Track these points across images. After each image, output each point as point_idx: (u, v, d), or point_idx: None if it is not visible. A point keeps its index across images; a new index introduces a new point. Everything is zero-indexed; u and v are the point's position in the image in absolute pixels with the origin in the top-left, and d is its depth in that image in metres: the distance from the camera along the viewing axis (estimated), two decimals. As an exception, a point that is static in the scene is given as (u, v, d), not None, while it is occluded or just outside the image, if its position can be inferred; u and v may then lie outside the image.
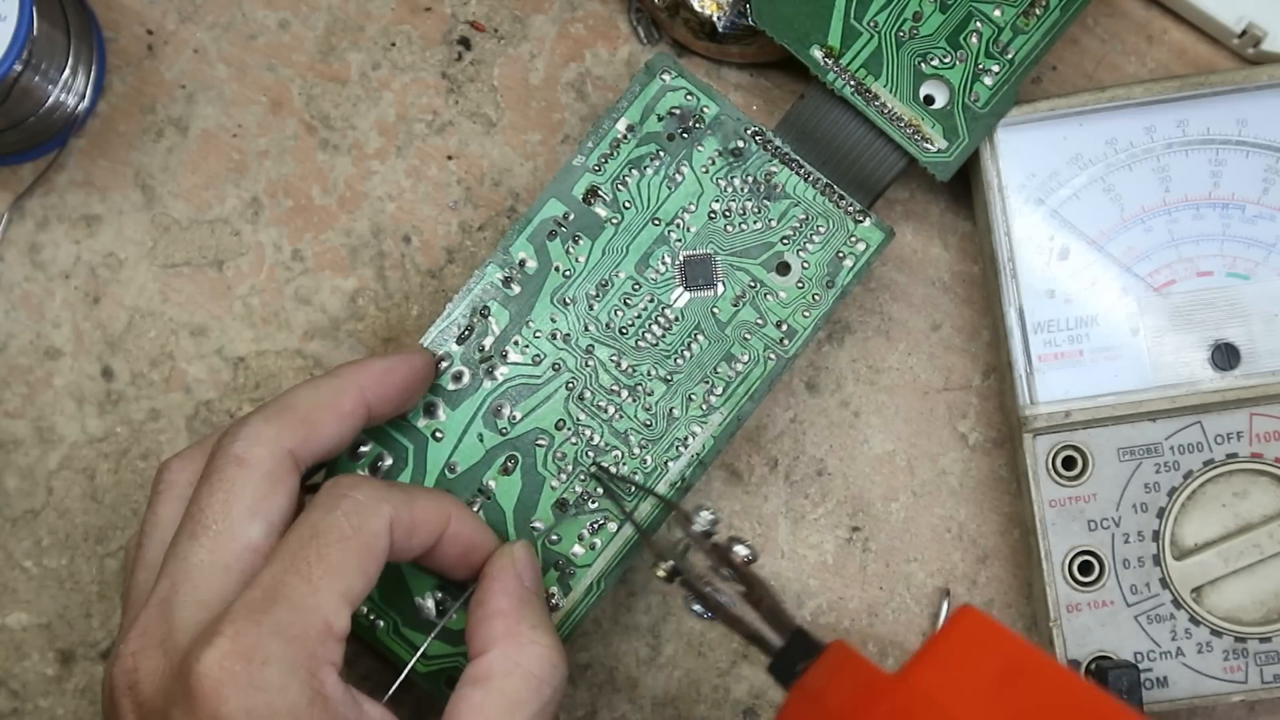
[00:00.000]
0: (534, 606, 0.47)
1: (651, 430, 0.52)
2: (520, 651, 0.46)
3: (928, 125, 0.53)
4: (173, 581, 0.44)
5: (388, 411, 0.50)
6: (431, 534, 0.47)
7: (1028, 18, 0.53)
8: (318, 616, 0.42)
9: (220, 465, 0.45)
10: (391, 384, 0.49)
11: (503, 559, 0.49)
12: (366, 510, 0.45)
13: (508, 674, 0.45)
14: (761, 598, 0.46)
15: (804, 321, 0.52)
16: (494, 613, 0.47)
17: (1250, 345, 0.53)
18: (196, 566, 0.44)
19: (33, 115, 0.55)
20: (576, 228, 0.52)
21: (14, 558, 0.56)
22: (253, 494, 0.45)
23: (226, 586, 0.44)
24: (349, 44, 0.57)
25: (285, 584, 0.42)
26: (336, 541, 0.43)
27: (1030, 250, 0.54)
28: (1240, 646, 0.53)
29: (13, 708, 0.56)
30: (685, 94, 0.53)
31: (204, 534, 0.44)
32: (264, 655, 0.41)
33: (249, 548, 0.44)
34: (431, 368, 0.51)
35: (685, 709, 0.56)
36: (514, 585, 0.48)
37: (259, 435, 0.46)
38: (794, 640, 0.45)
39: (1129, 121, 0.54)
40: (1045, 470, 0.53)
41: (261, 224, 0.57)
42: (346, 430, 0.48)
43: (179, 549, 0.44)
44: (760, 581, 0.46)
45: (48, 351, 0.56)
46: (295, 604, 0.42)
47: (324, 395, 0.47)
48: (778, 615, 0.45)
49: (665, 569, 0.47)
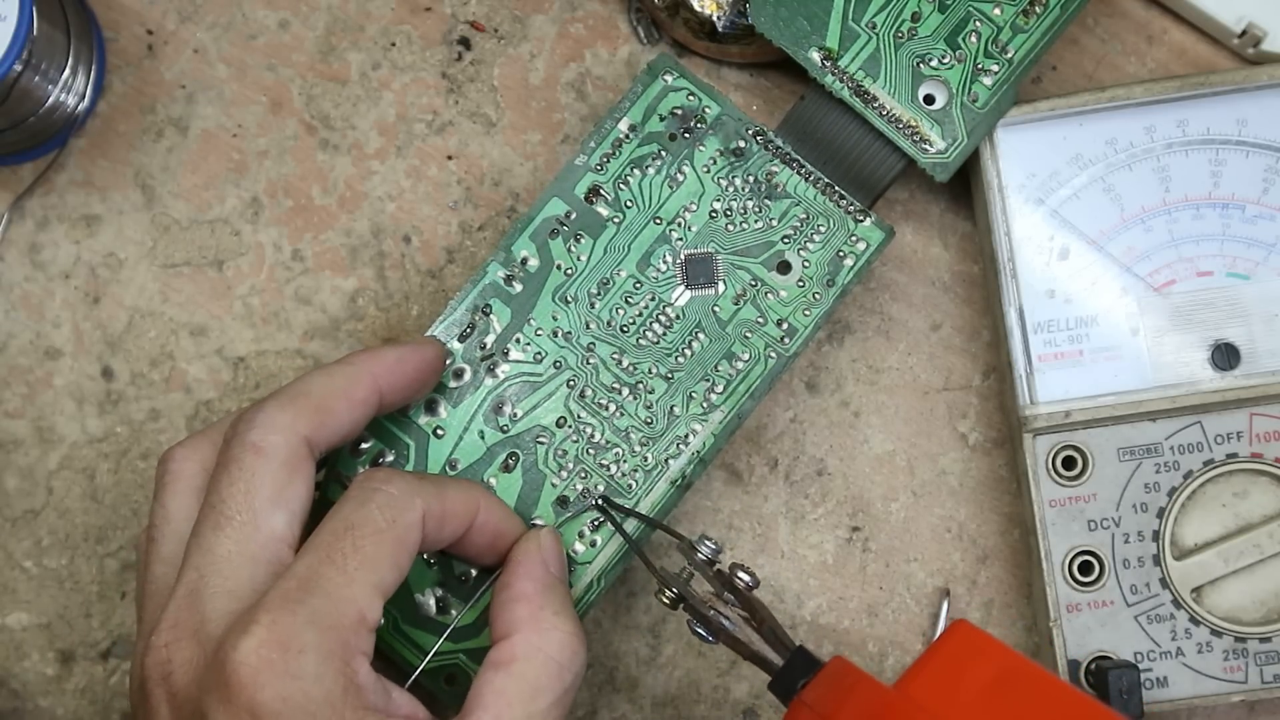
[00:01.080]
0: (558, 592, 0.48)
1: (652, 428, 0.52)
2: (543, 636, 0.46)
3: (927, 126, 0.53)
4: (200, 573, 0.44)
5: (399, 400, 0.50)
6: (462, 524, 0.47)
7: (1027, 17, 0.53)
8: (352, 607, 0.42)
9: (238, 454, 0.45)
10: (404, 373, 0.49)
11: (529, 544, 0.49)
12: (400, 504, 0.45)
13: (529, 658, 0.45)
14: (764, 620, 0.47)
15: (805, 320, 0.52)
16: (518, 596, 0.47)
17: (1250, 345, 0.53)
18: (224, 558, 0.44)
19: (33, 115, 0.55)
20: (578, 226, 0.52)
21: (14, 558, 0.56)
22: (273, 483, 0.45)
23: (256, 577, 0.44)
24: (349, 44, 0.57)
25: (321, 575, 0.43)
26: (371, 534, 0.44)
27: (1030, 250, 0.54)
28: (1240, 646, 0.53)
29: (13, 708, 0.55)
30: (687, 94, 0.53)
31: (228, 524, 0.44)
32: (300, 644, 0.41)
33: (274, 537, 0.44)
34: (442, 358, 0.51)
35: (685, 709, 0.56)
36: (539, 570, 0.48)
37: (275, 422, 0.46)
38: (795, 658, 0.46)
39: (1129, 121, 0.54)
40: (1045, 470, 0.53)
41: (261, 224, 0.57)
42: (360, 417, 0.48)
43: (203, 540, 0.44)
44: (762, 605, 0.47)
45: (48, 351, 0.56)
46: (330, 594, 0.42)
47: (338, 382, 0.47)
48: (778, 636, 0.47)
49: (669, 596, 0.48)
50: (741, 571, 0.47)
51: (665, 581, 0.48)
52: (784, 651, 0.46)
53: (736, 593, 0.47)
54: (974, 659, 0.43)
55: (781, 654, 0.46)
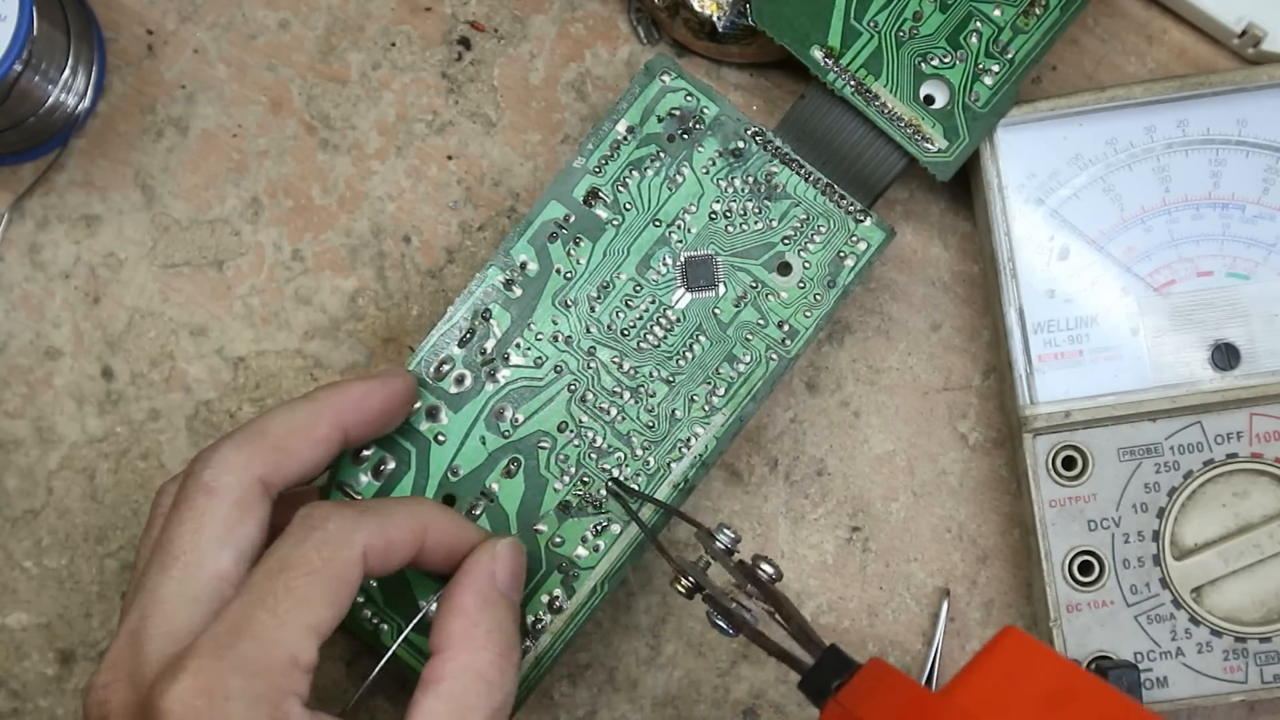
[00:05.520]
0: (498, 608, 0.47)
1: (654, 431, 0.52)
2: (473, 655, 0.45)
3: (928, 125, 0.53)
4: (141, 613, 0.44)
5: (366, 435, 0.49)
6: (409, 550, 0.47)
7: (1027, 17, 0.53)
8: (282, 651, 0.42)
9: (189, 494, 0.45)
10: (369, 408, 0.49)
11: (482, 555, 0.48)
12: (338, 541, 0.44)
13: (458, 677, 0.45)
14: (790, 615, 0.45)
15: (806, 321, 0.52)
16: (456, 609, 0.46)
17: (1250, 345, 0.53)
18: (165, 598, 0.44)
19: (33, 115, 0.55)
20: (577, 229, 0.52)
21: (14, 558, 0.56)
22: (222, 523, 0.45)
23: (195, 617, 0.43)
24: (349, 44, 0.57)
25: (251, 618, 0.42)
26: (305, 574, 0.43)
27: (1030, 250, 0.54)
28: (1240, 646, 0.53)
29: (13, 708, 0.56)
30: (685, 95, 0.53)
31: (173, 564, 0.44)
32: (226, 691, 0.41)
33: (218, 577, 0.44)
34: (413, 390, 0.51)
35: (685, 709, 0.56)
36: (483, 583, 0.47)
37: (228, 463, 0.45)
38: (827, 657, 0.44)
39: (1129, 121, 0.54)
40: (1045, 470, 0.53)
41: (261, 224, 0.56)
42: (321, 455, 0.48)
43: (148, 580, 0.44)
44: (787, 600, 0.45)
45: (48, 351, 0.56)
46: (260, 639, 0.42)
47: (298, 420, 0.47)
48: (807, 633, 0.45)
49: (686, 585, 0.46)
50: (765, 563, 0.46)
51: (682, 569, 0.46)
52: (813, 650, 0.44)
53: (760, 585, 0.46)
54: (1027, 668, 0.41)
55: (811, 651, 0.44)
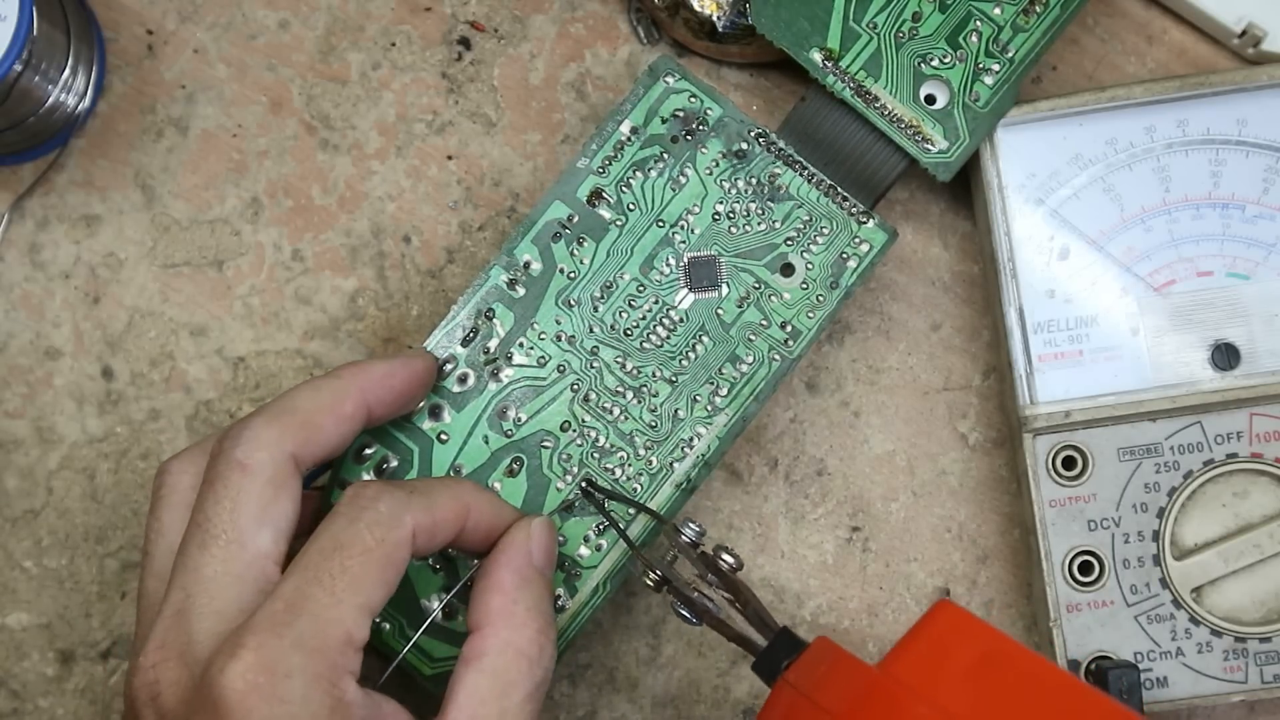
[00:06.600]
0: (535, 586, 0.47)
1: (657, 431, 0.52)
2: (514, 631, 0.46)
3: (928, 126, 0.53)
4: (186, 593, 0.44)
5: (387, 414, 0.50)
6: (452, 531, 0.47)
7: (1027, 16, 0.53)
8: (339, 628, 0.42)
9: (223, 471, 0.45)
10: (392, 387, 0.49)
11: (518, 533, 0.48)
12: (389, 522, 0.44)
13: (500, 653, 0.45)
14: (748, 601, 0.47)
15: (808, 322, 0.52)
16: (494, 586, 0.47)
17: (1250, 345, 0.53)
18: (210, 577, 0.44)
19: (33, 115, 0.54)
20: (581, 230, 0.52)
21: (14, 558, 0.56)
22: (259, 501, 0.45)
23: (242, 596, 0.44)
24: (349, 44, 0.57)
25: (308, 596, 0.42)
26: (360, 554, 0.43)
27: (1030, 250, 0.54)
28: (1240, 646, 0.53)
29: (13, 708, 0.55)
30: (689, 96, 0.53)
31: (213, 544, 0.44)
32: (287, 668, 0.41)
33: (260, 555, 0.44)
34: (433, 371, 0.51)
35: (685, 709, 0.56)
36: (520, 560, 0.47)
37: (261, 439, 0.45)
38: (779, 639, 0.46)
39: (1129, 121, 0.54)
40: (1045, 470, 0.53)
41: (261, 224, 0.56)
42: (347, 432, 0.48)
43: (189, 559, 0.44)
44: (745, 587, 0.47)
45: (48, 351, 0.56)
46: (318, 616, 0.42)
47: (325, 397, 0.47)
48: (762, 617, 0.47)
49: (654, 579, 0.48)
50: (725, 554, 0.47)
51: (649, 564, 0.48)
52: (768, 633, 0.47)
53: (721, 575, 0.47)
54: (958, 639, 0.43)
55: (766, 635, 0.47)
